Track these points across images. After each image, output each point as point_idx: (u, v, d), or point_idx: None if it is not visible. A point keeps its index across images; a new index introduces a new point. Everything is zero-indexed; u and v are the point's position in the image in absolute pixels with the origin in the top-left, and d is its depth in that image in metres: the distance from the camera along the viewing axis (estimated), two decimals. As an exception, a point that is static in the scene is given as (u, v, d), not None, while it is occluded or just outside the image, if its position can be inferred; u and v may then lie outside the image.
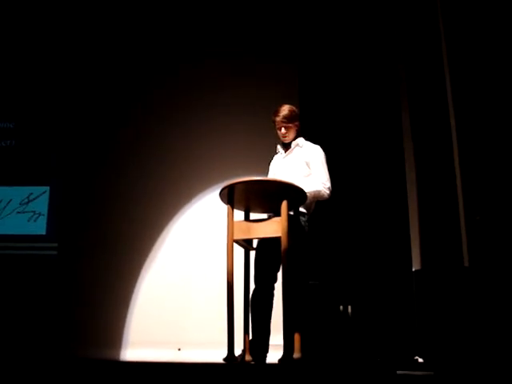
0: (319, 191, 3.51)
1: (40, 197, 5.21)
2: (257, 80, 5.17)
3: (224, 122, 5.08)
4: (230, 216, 3.26)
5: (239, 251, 3.46)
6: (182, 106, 5.24)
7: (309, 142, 3.78)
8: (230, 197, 3.27)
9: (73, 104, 5.41)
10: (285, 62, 5.19)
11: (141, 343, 4.64)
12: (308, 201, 3.43)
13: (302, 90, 5.06)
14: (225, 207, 3.32)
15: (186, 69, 5.34)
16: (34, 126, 5.42)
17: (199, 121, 5.15)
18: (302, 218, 3.54)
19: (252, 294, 3.50)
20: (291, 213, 3.35)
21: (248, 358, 3.33)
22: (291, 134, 3.71)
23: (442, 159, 4.26)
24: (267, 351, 3.37)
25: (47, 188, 5.24)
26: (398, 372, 3.05)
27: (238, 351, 3.19)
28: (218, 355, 3.30)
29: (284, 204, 3.13)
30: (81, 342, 4.65)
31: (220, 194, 3.30)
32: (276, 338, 3.35)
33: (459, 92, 4.07)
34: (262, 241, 3.56)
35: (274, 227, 3.15)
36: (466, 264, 3.86)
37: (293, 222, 3.40)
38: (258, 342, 3.37)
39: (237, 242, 3.31)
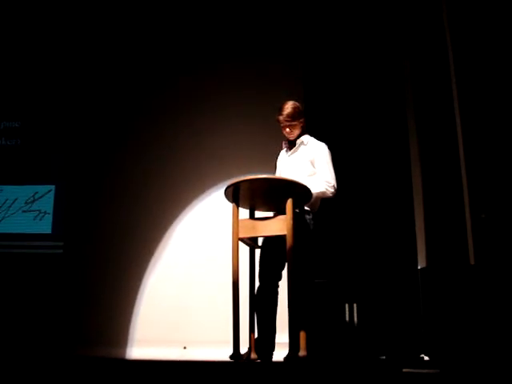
0: (323, 192, 3.51)
1: (45, 195, 5.22)
2: (262, 80, 5.16)
3: (229, 122, 5.08)
4: (235, 214, 3.26)
5: (244, 249, 3.46)
6: (188, 106, 5.24)
7: (314, 139, 3.75)
8: (235, 195, 3.27)
9: (78, 102, 5.41)
10: (290, 61, 5.19)
11: (146, 341, 4.65)
12: (312, 200, 3.43)
13: (308, 88, 5.05)
14: (230, 206, 3.32)
15: (195, 70, 5.33)
16: (39, 125, 5.42)
17: (205, 121, 5.15)
18: (308, 216, 3.54)
19: (256, 292, 3.50)
20: (296, 211, 3.35)
21: (254, 356, 3.33)
22: (296, 132, 3.69)
23: (447, 157, 4.24)
24: (273, 349, 3.37)
25: (53, 187, 5.25)
26: (404, 370, 3.05)
27: (243, 349, 3.19)
28: (223, 353, 3.31)
29: (289, 202, 3.13)
30: (86, 341, 4.66)
31: (225, 192, 3.30)
32: (282, 336, 3.35)
33: (465, 89, 4.06)
34: (267, 239, 3.56)
35: (279, 225, 3.15)
36: (472, 262, 3.85)
37: (298, 220, 3.40)
38: (264, 340, 3.37)
39: (242, 240, 3.31)
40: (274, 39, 5.27)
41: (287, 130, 3.65)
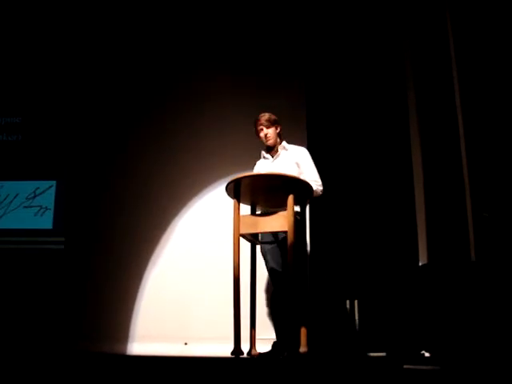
0: (315, 190, 3.62)
1: (46, 191, 5.22)
2: (262, 80, 5.13)
3: (229, 122, 5.04)
4: (236, 210, 3.26)
5: (246, 245, 3.47)
6: (189, 105, 5.21)
7: (292, 145, 3.96)
8: (236, 191, 3.28)
9: (80, 98, 5.40)
10: (291, 61, 5.15)
11: (147, 337, 4.65)
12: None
13: (309, 85, 5.05)
14: (231, 202, 3.32)
15: (195, 70, 5.29)
16: (40, 121, 5.41)
17: (205, 120, 5.12)
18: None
19: (271, 296, 3.60)
20: (297, 209, 3.36)
21: (254, 352, 3.34)
22: (273, 136, 3.89)
23: (449, 154, 4.23)
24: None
25: (54, 182, 5.25)
26: (405, 366, 3.05)
27: (244, 345, 3.19)
28: (224, 349, 3.32)
29: (290, 198, 3.13)
30: (88, 336, 4.67)
31: (226, 188, 3.30)
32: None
33: (466, 87, 4.05)
34: (270, 241, 3.62)
35: (280, 221, 3.16)
36: (473, 258, 3.84)
37: (298, 217, 3.41)
38: (283, 342, 3.44)
39: (243, 236, 3.32)
40: (275, 39, 5.24)
41: (265, 131, 3.86)
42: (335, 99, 4.99)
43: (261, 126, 3.88)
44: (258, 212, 3.58)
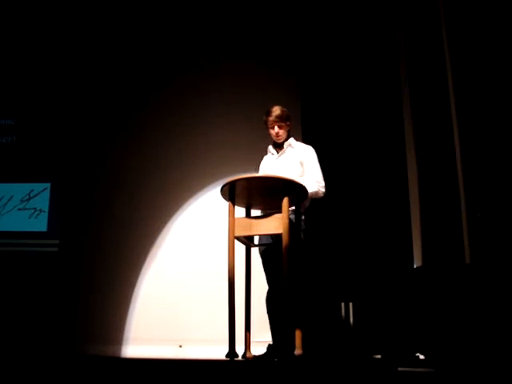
0: (316, 192, 3.59)
1: (41, 193, 5.21)
2: (258, 80, 5.14)
3: (227, 121, 5.06)
4: (231, 213, 3.26)
5: (241, 248, 3.46)
6: (184, 105, 5.22)
7: (300, 143, 3.86)
8: (231, 194, 3.27)
9: (74, 100, 5.39)
10: (287, 61, 5.18)
11: (142, 340, 4.64)
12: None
13: (304, 85, 5.06)
14: (226, 204, 3.32)
15: (190, 70, 5.32)
16: (34, 123, 5.40)
17: (202, 120, 5.13)
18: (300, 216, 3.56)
19: (266, 296, 3.59)
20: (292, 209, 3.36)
21: (249, 354, 3.34)
22: (284, 134, 3.77)
23: (443, 155, 4.24)
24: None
25: (48, 185, 5.23)
26: (400, 369, 3.05)
27: (239, 348, 3.19)
28: (219, 352, 3.31)
29: (285, 201, 3.13)
30: (82, 339, 4.65)
31: (221, 190, 3.30)
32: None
33: (461, 88, 4.06)
34: (268, 242, 3.61)
35: (275, 224, 3.16)
36: (468, 261, 3.85)
37: (293, 219, 3.41)
38: (279, 343, 3.41)
39: (238, 238, 3.31)
40: (270, 35, 5.26)
41: (276, 129, 3.72)
42: (330, 96, 5.00)
43: (273, 124, 3.72)
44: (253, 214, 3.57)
